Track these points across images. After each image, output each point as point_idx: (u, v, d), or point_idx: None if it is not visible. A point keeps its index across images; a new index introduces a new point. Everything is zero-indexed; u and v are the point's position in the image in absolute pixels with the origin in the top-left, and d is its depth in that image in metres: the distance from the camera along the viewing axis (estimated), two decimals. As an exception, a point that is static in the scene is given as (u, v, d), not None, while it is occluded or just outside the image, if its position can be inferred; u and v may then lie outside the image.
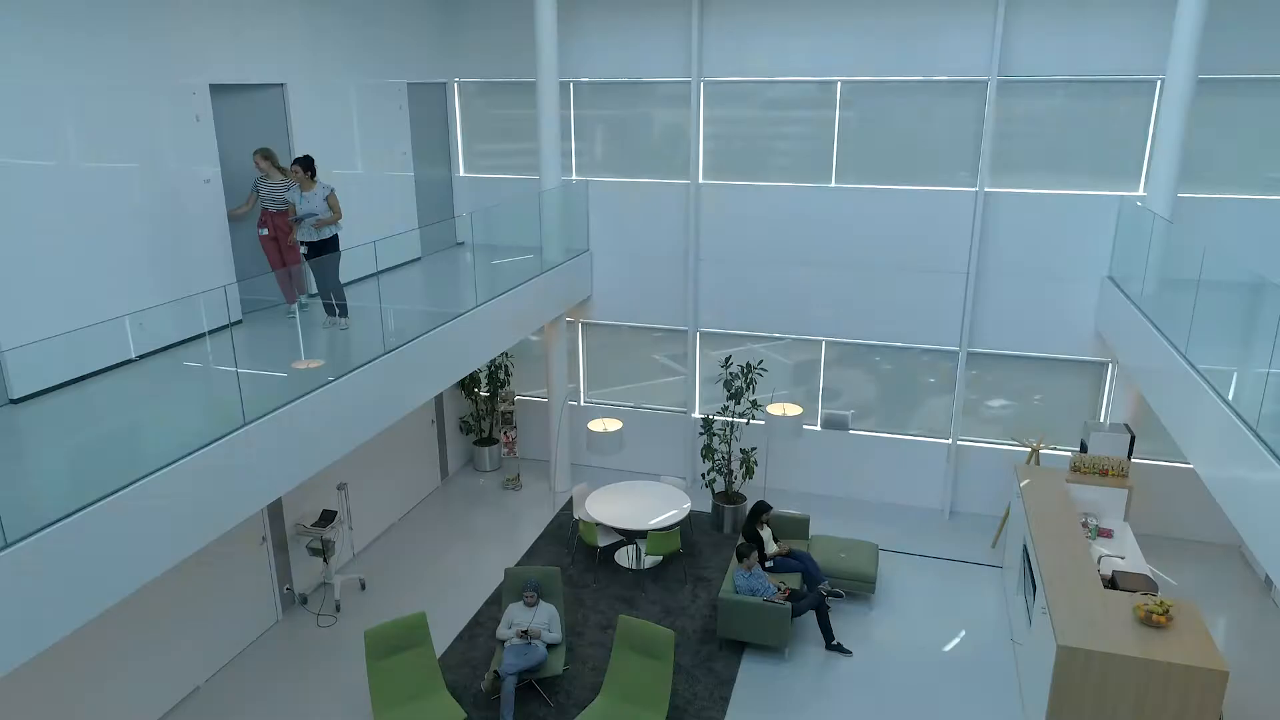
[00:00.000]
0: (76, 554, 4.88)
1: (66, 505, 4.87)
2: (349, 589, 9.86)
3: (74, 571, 4.88)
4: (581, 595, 9.70)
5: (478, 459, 12.97)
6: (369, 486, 10.69)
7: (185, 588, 8.09)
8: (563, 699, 8.06)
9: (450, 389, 12.64)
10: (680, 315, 11.90)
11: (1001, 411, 11.11)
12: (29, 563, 4.61)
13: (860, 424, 11.68)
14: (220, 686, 8.31)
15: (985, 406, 11.14)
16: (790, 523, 10.09)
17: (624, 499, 10.43)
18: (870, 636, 8.95)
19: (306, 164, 8.27)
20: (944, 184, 10.53)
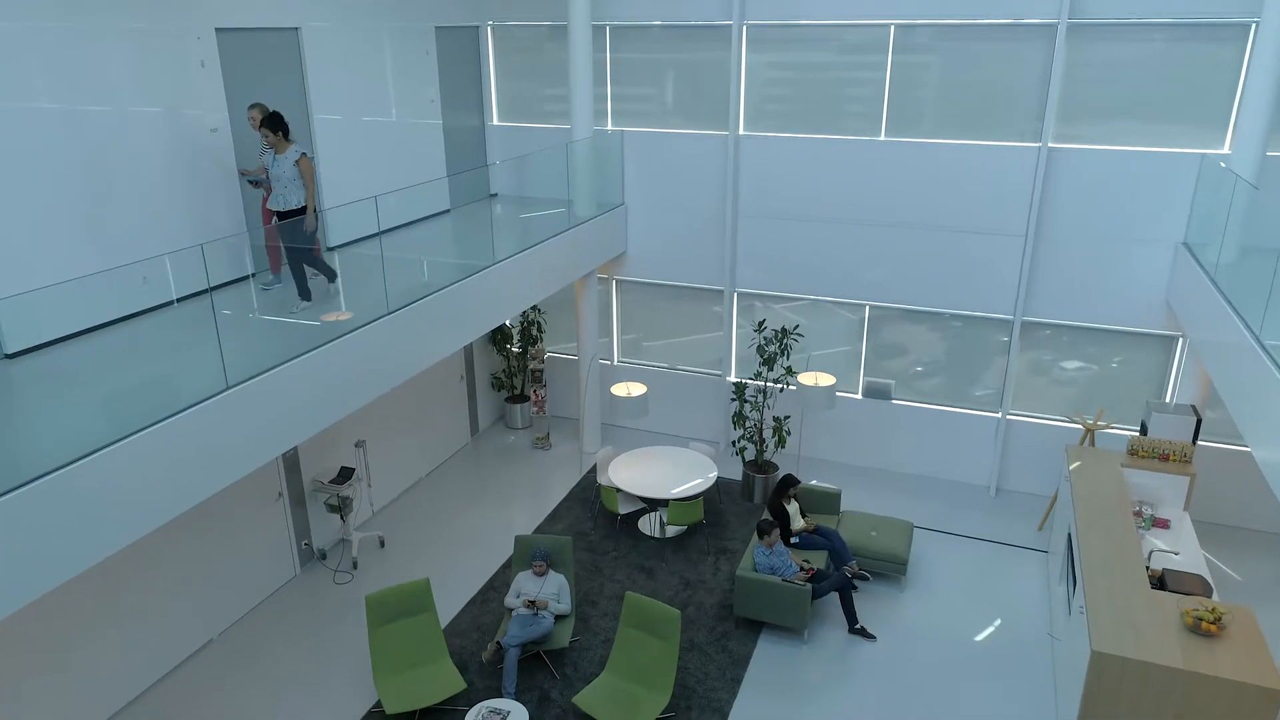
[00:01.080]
0: (97, 492, 4.98)
1: (83, 447, 4.96)
2: (368, 546, 9.80)
3: (94, 510, 4.98)
4: (600, 563, 9.45)
5: (509, 416, 12.77)
6: (393, 443, 10.58)
7: (201, 541, 8.09)
8: (570, 671, 7.85)
9: (481, 344, 12.40)
10: (717, 274, 11.37)
11: (1057, 386, 10.36)
12: (54, 497, 4.76)
13: (903, 393, 11.06)
14: (233, 640, 8.34)
15: (1039, 380, 10.41)
16: (820, 497, 9.62)
17: (648, 465, 10.09)
18: (897, 621, 8.50)
19: (274, 123, 7.50)
20: (1003, 139, 9.69)
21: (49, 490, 4.74)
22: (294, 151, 7.58)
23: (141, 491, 5.25)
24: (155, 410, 5.39)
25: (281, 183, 7.63)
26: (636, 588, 8.99)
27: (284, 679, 7.83)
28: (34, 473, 4.70)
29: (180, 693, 7.65)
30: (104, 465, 5.01)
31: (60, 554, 4.84)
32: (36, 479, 4.68)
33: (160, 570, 7.72)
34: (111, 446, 5.04)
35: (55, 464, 4.79)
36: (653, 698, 7.05)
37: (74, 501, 4.87)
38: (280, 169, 7.57)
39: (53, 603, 6.84)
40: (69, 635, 6.99)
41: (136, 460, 5.20)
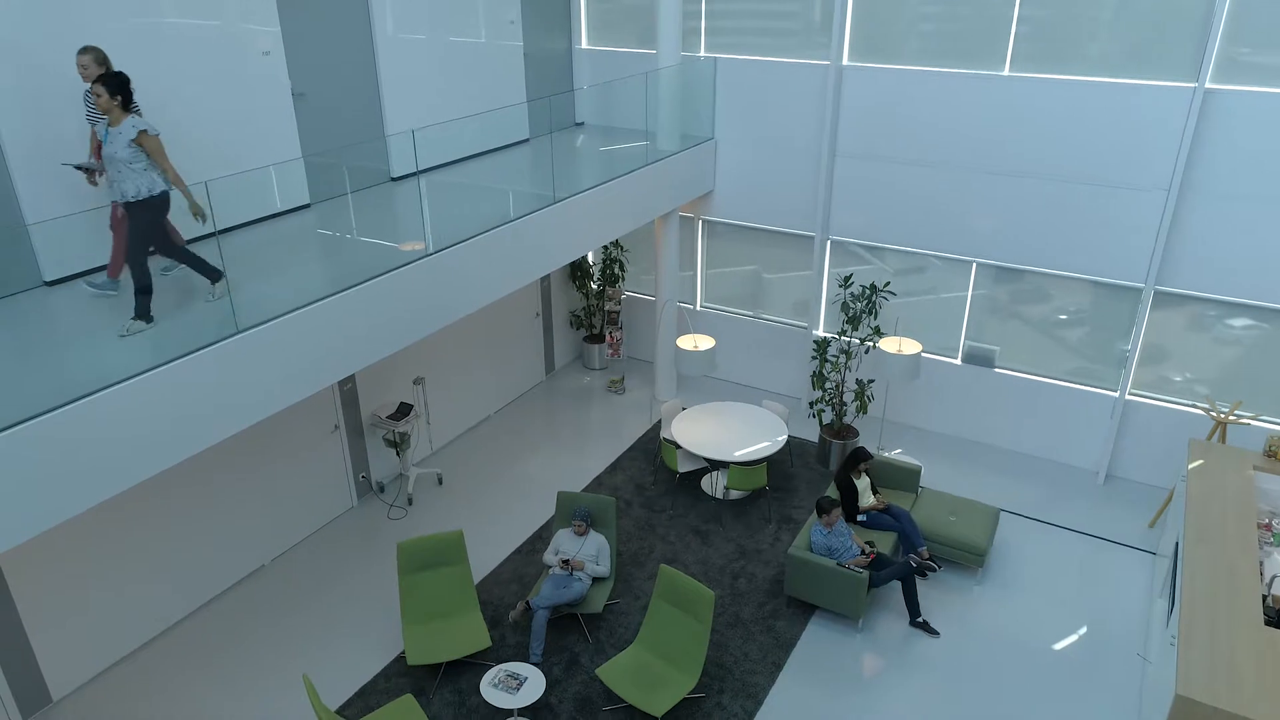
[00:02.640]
0: (159, 407, 5.14)
1: (149, 363, 5.12)
2: (426, 483, 9.73)
3: (154, 424, 5.14)
4: (654, 521, 9.04)
5: (586, 356, 12.40)
6: (460, 379, 10.40)
7: (259, 468, 8.16)
8: (604, 636, 7.54)
9: (561, 280, 12.00)
10: (809, 219, 10.45)
11: (1190, 367, 9.04)
12: (120, 408, 4.95)
13: (1008, 362, 9.96)
14: (283, 567, 8.45)
15: (1169, 358, 9.10)
16: (897, 472, 8.82)
17: (714, 422, 9.51)
18: (967, 618, 7.73)
19: (113, 84, 5.56)
20: (1150, 77, 8.27)
21: (113, 403, 4.91)
22: (130, 125, 5.60)
23: (199, 409, 5.36)
24: (215, 331, 5.48)
25: (115, 165, 5.63)
26: (689, 552, 8.55)
27: (323, 613, 7.88)
28: (101, 384, 4.89)
29: (224, 618, 7.81)
30: (168, 379, 5.16)
31: (125, 463, 5.03)
32: (99, 391, 4.85)
33: (217, 495, 7.84)
34: (175, 362, 5.17)
35: (119, 378, 4.96)
36: (679, 678, 6.65)
37: (138, 414, 5.04)
38: (113, 146, 5.60)
39: (115, 520, 7.02)
40: (129, 552, 7.20)
41: (197, 378, 5.31)
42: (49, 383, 4.98)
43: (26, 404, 4.69)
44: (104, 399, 4.87)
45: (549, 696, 6.93)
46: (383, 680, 7.12)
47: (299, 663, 7.33)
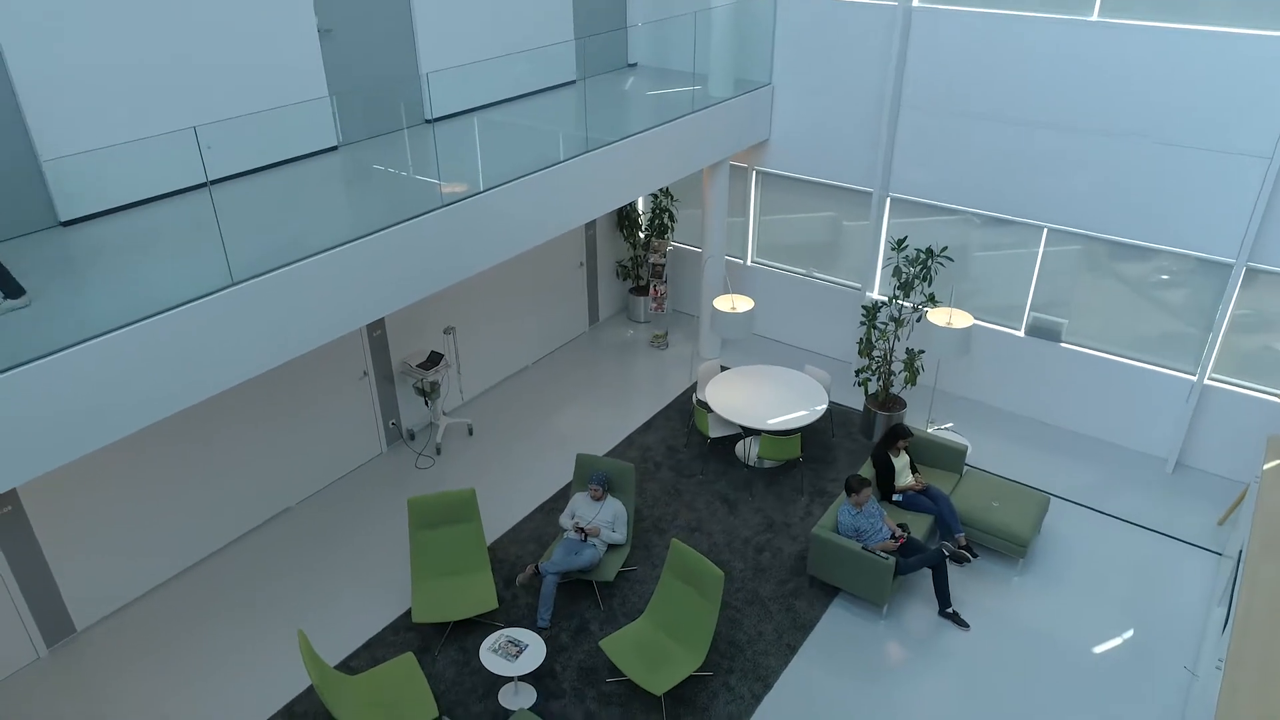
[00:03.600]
0: (189, 341, 5.17)
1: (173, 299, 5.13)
2: (455, 433, 9.64)
3: (184, 358, 5.17)
4: (682, 486, 8.75)
5: (632, 308, 12.05)
6: (498, 327, 10.20)
7: (288, 412, 8.15)
8: (616, 605, 7.35)
9: (608, 229, 11.61)
10: (868, 174, 9.77)
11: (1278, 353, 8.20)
12: (147, 343, 4.97)
13: (1076, 336, 9.22)
14: (308, 510, 8.49)
15: (1257, 342, 8.26)
16: (941, 451, 8.29)
17: (751, 386, 9.09)
18: (1002, 611, 7.27)
19: None
20: (1259, 25, 7.31)
21: (145, 335, 4.94)
22: None
23: (228, 345, 5.37)
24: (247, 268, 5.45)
25: None
26: (714, 521, 8.25)
27: (343, 559, 7.89)
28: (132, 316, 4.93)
29: (248, 558, 7.89)
30: (200, 314, 5.17)
31: (153, 397, 5.08)
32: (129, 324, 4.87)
33: (246, 436, 7.87)
34: (208, 297, 5.18)
35: (160, 308, 5.02)
36: (685, 657, 6.42)
37: (172, 346, 5.08)
38: None
39: (142, 457, 7.09)
40: (154, 490, 7.30)
41: (226, 314, 5.30)
42: (70, 318, 5.00)
43: (50, 339, 4.70)
44: (135, 331, 4.87)
45: (553, 663, 6.80)
46: (391, 634, 7.10)
47: (315, 607, 7.37)
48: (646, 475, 8.90)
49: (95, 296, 5.30)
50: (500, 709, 6.43)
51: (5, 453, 4.53)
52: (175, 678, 6.73)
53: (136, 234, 6.16)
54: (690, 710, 6.43)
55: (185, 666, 6.83)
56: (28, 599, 6.68)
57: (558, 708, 6.45)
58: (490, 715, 6.38)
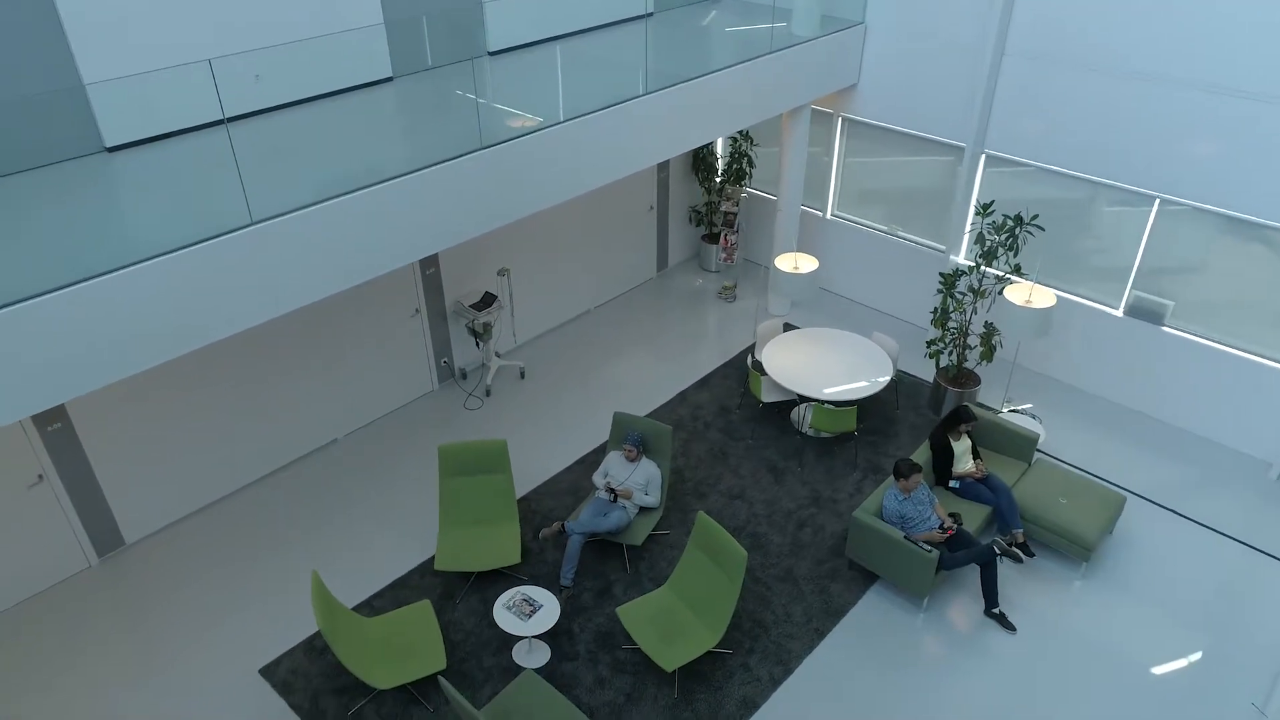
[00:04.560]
0: (244, 266, 5.14)
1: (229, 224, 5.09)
2: (506, 376, 9.52)
3: (238, 283, 5.16)
4: (729, 449, 8.41)
5: (704, 256, 11.59)
6: (557, 271, 9.95)
7: (339, 345, 8.18)
8: (643, 569, 7.16)
9: (682, 171, 11.11)
10: (961, 127, 8.94)
11: None
12: (203, 266, 4.97)
13: (1182, 321, 8.32)
14: (353, 444, 8.56)
15: (1396, 344, 7.26)
16: (1009, 437, 7.67)
17: (812, 350, 8.60)
18: (1056, 616, 6.74)
19: None
20: None
21: (195, 260, 4.93)
22: None
23: (282, 272, 5.32)
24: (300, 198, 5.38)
25: None
26: (757, 490, 7.92)
27: (382, 494, 7.93)
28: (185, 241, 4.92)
29: (292, 486, 8.02)
30: (253, 241, 5.11)
31: (204, 321, 5.09)
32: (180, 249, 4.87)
33: (297, 366, 7.94)
34: (262, 223, 5.13)
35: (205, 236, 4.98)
36: (701, 634, 6.18)
37: (228, 270, 5.07)
38: None
39: (192, 381, 7.23)
40: (203, 414, 7.45)
41: (278, 242, 5.24)
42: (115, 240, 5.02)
43: (97, 260, 4.71)
44: (190, 254, 4.87)
45: (571, 623, 6.68)
46: (417, 576, 7.12)
47: (349, 541, 7.45)
48: (694, 435, 8.60)
49: (142, 220, 5.29)
50: (512, 664, 6.37)
51: (55, 368, 4.57)
52: (214, 596, 6.94)
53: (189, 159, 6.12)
54: (704, 687, 6.22)
55: (223, 587, 7.02)
56: (79, 511, 6.96)
57: (569, 669, 6.35)
58: (501, 670, 6.34)
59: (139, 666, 6.40)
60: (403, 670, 5.93)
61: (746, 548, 7.30)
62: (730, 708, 6.10)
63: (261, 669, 6.38)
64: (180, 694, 6.21)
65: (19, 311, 4.38)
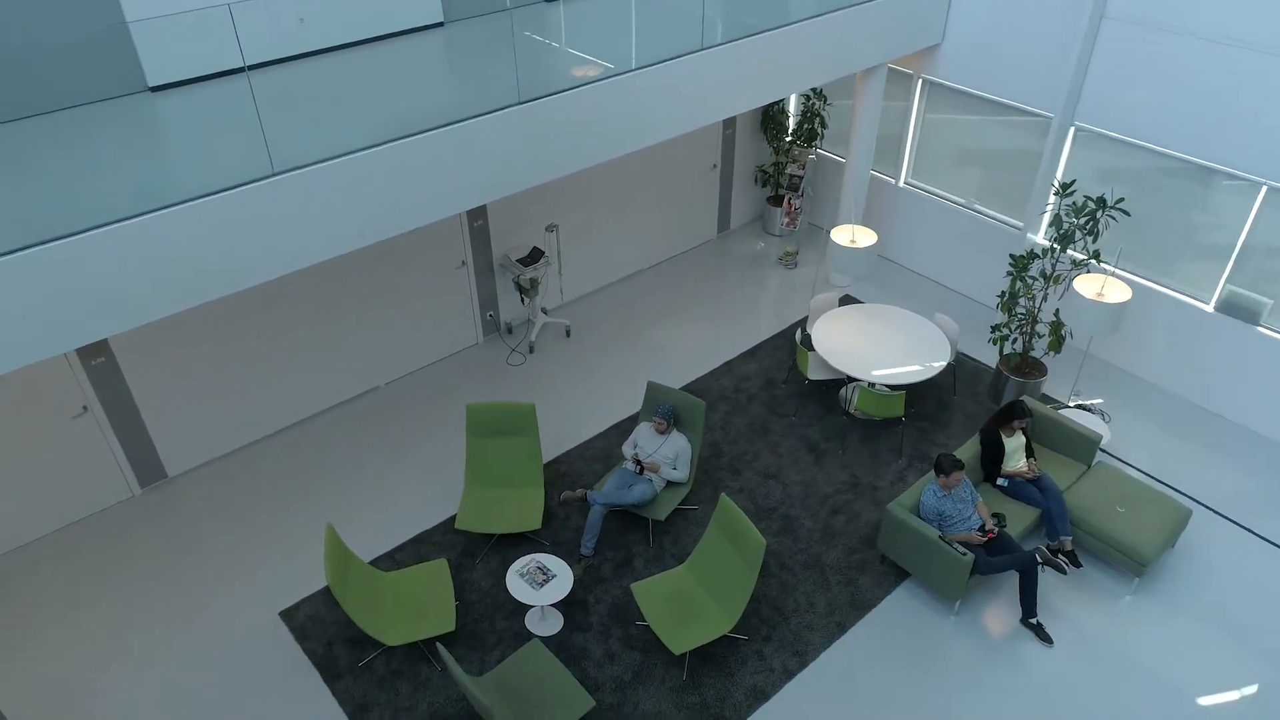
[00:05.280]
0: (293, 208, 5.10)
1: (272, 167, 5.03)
2: (552, 333, 9.38)
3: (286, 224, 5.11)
4: (770, 425, 8.12)
5: (768, 218, 11.15)
6: (610, 228, 9.70)
7: (384, 293, 8.17)
8: (666, 544, 7.00)
9: (750, 129, 10.64)
10: (1050, 96, 8.24)
11: None
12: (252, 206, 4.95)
13: (1278, 321, 7.59)
14: (396, 391, 8.58)
15: None
16: (1068, 436, 7.17)
17: (867, 328, 8.18)
18: (1098, 632, 6.32)
19: None
20: None
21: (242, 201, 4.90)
22: None
23: (323, 218, 5.25)
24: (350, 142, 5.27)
25: None
26: (794, 470, 7.63)
27: (413, 446, 7.94)
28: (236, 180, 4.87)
29: (330, 431, 8.10)
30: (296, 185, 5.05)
31: (250, 262, 5.07)
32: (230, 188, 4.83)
33: (340, 312, 7.96)
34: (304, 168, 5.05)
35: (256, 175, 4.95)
36: (715, 619, 6.01)
37: (277, 211, 5.04)
38: None
39: (236, 322, 7.32)
40: (247, 355, 7.55)
41: (323, 186, 5.16)
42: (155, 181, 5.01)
43: (140, 199, 4.70)
44: (230, 198, 4.82)
45: (588, 594, 6.59)
46: (440, 532, 7.12)
47: (380, 489, 7.49)
48: (736, 408, 8.33)
49: (186, 160, 5.29)
50: (524, 630, 6.33)
51: (99, 304, 4.62)
52: (246, 534, 7.09)
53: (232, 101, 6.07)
54: (714, 671, 6.07)
55: (256, 526, 7.16)
56: (122, 443, 7.16)
57: (580, 641, 6.27)
58: (513, 635, 6.30)
59: (165, 595, 6.60)
60: (412, 629, 5.95)
61: (775, 531, 7.08)
62: (739, 696, 5.93)
63: (281, 612, 6.49)
64: (202, 627, 6.38)
65: (65, 246, 4.40)
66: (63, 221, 4.50)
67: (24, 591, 6.61)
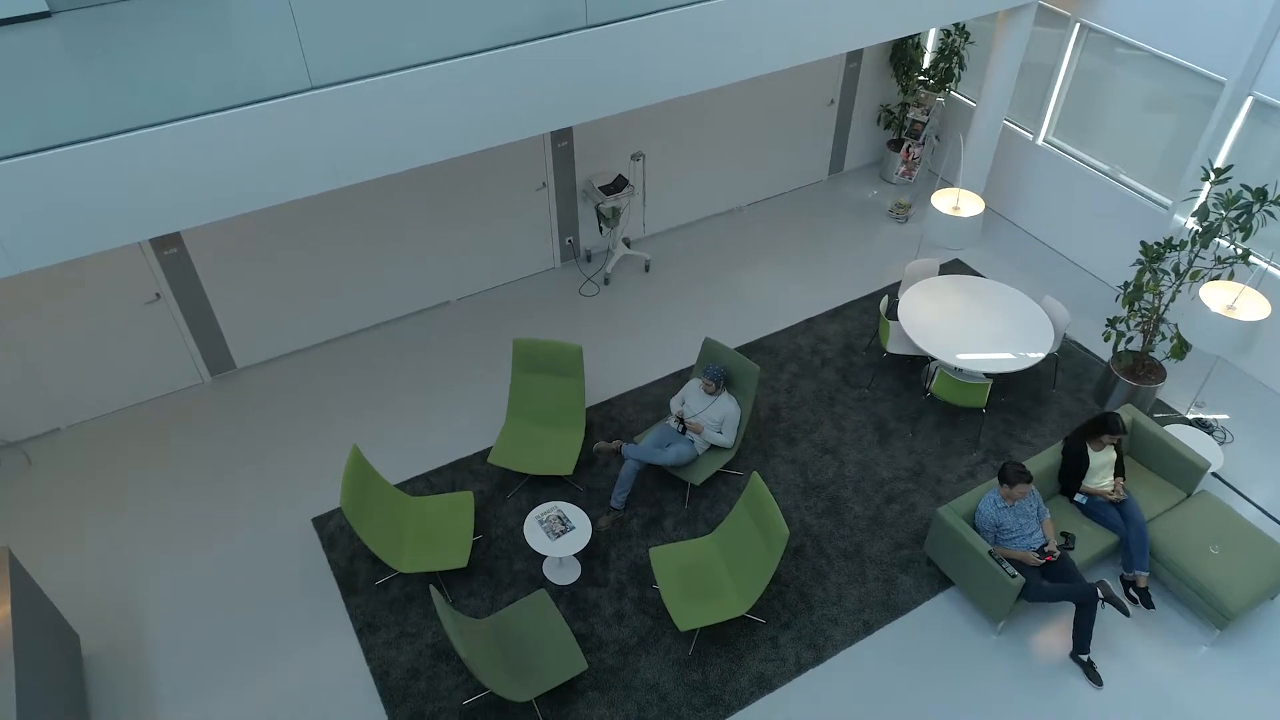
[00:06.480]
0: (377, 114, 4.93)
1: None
2: (630, 266, 9.01)
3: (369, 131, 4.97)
4: (839, 397, 7.58)
5: (886, 164, 10.24)
6: (705, 161, 9.12)
7: (462, 208, 8.00)
8: (702, 507, 6.70)
9: (878, 64, 9.67)
10: (1225, 57, 7.00)
11: None
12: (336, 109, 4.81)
13: None
14: (467, 308, 8.49)
15: None
16: (1169, 458, 6.32)
17: (962, 303, 7.41)
18: (1159, 681, 5.65)
19: None
20: None
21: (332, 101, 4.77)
22: None
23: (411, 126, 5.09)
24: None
25: None
26: (854, 449, 7.12)
27: (473, 366, 7.84)
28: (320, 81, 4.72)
29: (395, 340, 8.12)
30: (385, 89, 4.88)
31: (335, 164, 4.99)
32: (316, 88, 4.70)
33: (417, 223, 7.86)
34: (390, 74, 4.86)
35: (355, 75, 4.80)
36: (730, 599, 5.72)
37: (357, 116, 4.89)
38: None
39: (318, 222, 7.36)
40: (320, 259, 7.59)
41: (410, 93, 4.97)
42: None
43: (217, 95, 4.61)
44: (312, 99, 4.69)
45: (610, 548, 6.42)
46: (479, 461, 7.06)
47: (433, 404, 7.47)
48: (806, 371, 7.81)
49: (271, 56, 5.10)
50: (539, 574, 6.24)
51: (171, 197, 4.63)
52: (298, 433, 7.26)
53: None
54: (723, 651, 5.82)
55: (308, 427, 7.31)
56: (193, 332, 7.40)
57: (593, 595, 6.13)
58: (528, 578, 6.22)
59: (215, 479, 6.88)
60: (426, 559, 5.95)
61: (820, 511, 6.66)
62: (743, 681, 5.68)
63: (315, 518, 6.65)
64: (240, 518, 6.62)
65: (148, 136, 4.38)
66: (145, 112, 4.44)
67: (95, 460, 7.02)
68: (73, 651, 5.53)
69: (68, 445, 7.14)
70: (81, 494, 6.79)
